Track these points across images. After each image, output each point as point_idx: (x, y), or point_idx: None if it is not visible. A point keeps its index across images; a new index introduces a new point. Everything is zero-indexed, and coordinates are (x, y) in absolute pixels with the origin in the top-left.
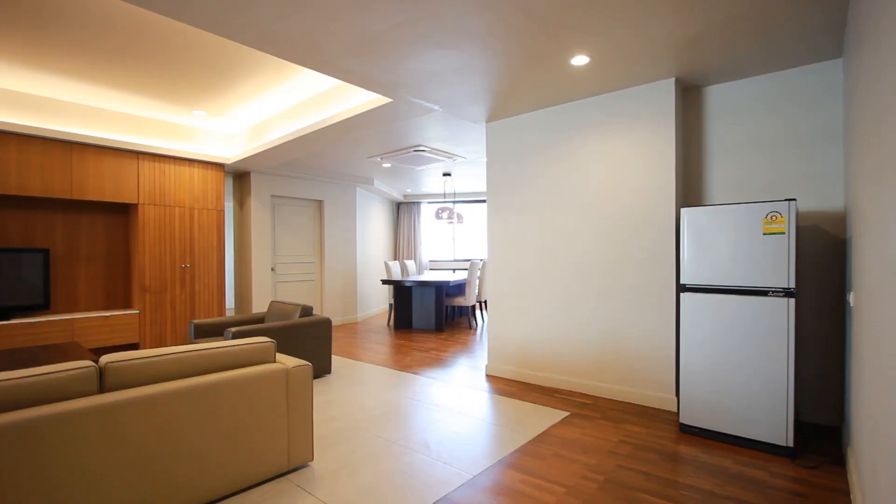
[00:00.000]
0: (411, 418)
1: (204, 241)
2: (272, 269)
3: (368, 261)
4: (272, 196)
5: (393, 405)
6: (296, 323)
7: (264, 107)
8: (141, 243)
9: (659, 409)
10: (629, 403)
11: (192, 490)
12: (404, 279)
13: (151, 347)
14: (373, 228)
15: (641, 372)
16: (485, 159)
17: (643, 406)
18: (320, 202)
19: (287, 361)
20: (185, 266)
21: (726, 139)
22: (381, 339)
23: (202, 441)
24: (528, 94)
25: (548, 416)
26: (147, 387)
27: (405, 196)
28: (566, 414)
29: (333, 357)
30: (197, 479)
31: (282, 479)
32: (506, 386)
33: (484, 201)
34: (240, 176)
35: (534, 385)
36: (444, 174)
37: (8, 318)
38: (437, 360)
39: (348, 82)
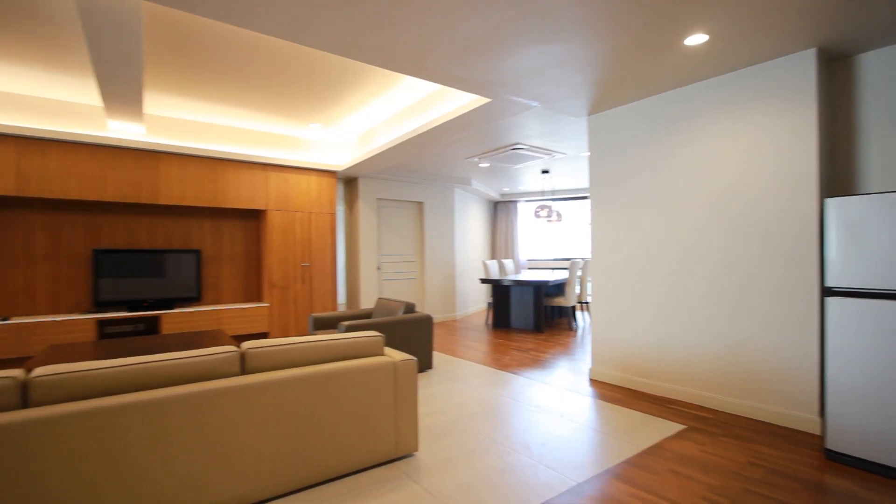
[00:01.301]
0: (511, 418)
1: (320, 242)
2: (378, 268)
3: (466, 260)
4: (377, 199)
5: (492, 404)
6: (400, 319)
7: (371, 114)
8: (269, 244)
9: (796, 431)
10: (758, 421)
11: (315, 465)
12: (502, 278)
13: (278, 337)
14: (470, 228)
15: (774, 386)
16: (585, 154)
17: (776, 425)
18: (421, 203)
19: (394, 355)
20: (305, 265)
21: (886, 115)
22: (479, 337)
23: (324, 423)
24: (635, 82)
25: (660, 428)
26: (279, 371)
27: (502, 195)
28: (682, 427)
29: (434, 353)
30: (320, 456)
31: (390, 465)
32: (611, 392)
33: (584, 198)
34: (349, 181)
35: (642, 393)
36: (543, 171)
37: (172, 308)
38: (536, 361)
39: (448, 86)
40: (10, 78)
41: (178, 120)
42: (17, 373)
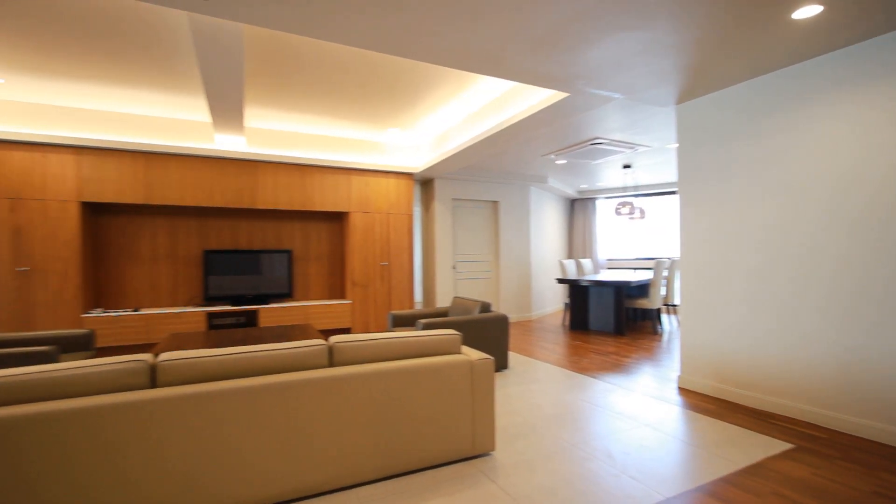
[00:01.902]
0: (590, 423)
1: (398, 243)
2: (453, 267)
3: (542, 259)
4: (453, 199)
5: (570, 407)
6: (476, 318)
7: (446, 116)
8: (351, 245)
9: None
10: (885, 445)
11: (396, 457)
12: (580, 278)
13: (359, 332)
14: (546, 226)
15: None
16: (672, 147)
17: None
18: (496, 203)
19: (471, 354)
20: (384, 264)
21: None
22: (556, 338)
23: (404, 416)
24: (731, 65)
25: (762, 445)
26: (363, 365)
27: (580, 192)
28: (789, 446)
29: (510, 353)
30: (400, 448)
31: (467, 462)
32: (702, 402)
33: (670, 193)
34: (426, 182)
35: (739, 405)
36: (624, 166)
37: (268, 303)
38: (617, 366)
39: (525, 83)
40: (138, 103)
41: (272, 131)
42: (147, 357)
